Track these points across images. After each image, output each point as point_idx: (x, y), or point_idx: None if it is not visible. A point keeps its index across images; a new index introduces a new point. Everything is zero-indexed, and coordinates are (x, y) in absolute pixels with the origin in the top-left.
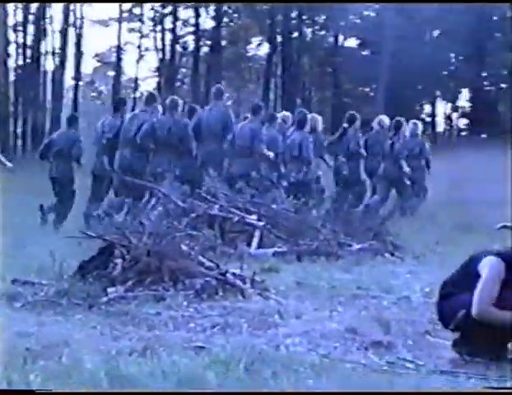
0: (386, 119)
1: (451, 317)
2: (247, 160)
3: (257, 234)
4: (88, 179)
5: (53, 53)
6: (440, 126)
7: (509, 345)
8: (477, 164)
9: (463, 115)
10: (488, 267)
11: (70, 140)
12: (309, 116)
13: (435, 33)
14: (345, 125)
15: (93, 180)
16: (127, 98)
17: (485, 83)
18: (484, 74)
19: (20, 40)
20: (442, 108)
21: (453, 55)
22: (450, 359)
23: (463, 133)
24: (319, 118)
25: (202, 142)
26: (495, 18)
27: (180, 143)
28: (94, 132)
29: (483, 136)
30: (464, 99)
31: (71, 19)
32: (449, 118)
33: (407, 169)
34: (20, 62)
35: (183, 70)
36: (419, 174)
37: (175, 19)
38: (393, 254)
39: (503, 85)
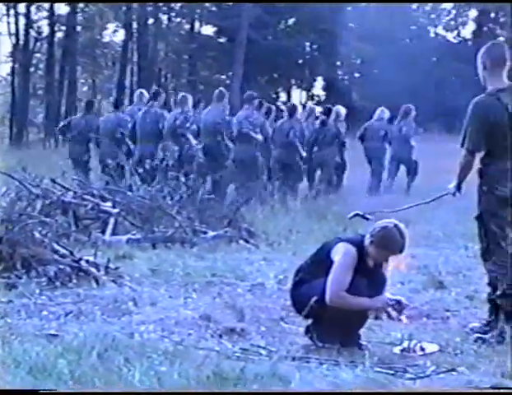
0: (342, 109)
1: (304, 303)
2: (246, 147)
3: (111, 221)
4: None
5: None
6: None
7: (360, 331)
8: None
9: (318, 103)
10: (340, 253)
11: (88, 124)
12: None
13: (290, 21)
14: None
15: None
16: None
17: (339, 72)
18: (338, 63)
19: None
20: (297, 96)
21: (308, 44)
22: (303, 345)
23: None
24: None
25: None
26: (348, 8)
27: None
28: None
29: None
30: (319, 87)
31: None
32: (304, 106)
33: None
34: None
35: (38, 55)
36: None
37: (29, 3)
38: (247, 241)
39: (356, 75)
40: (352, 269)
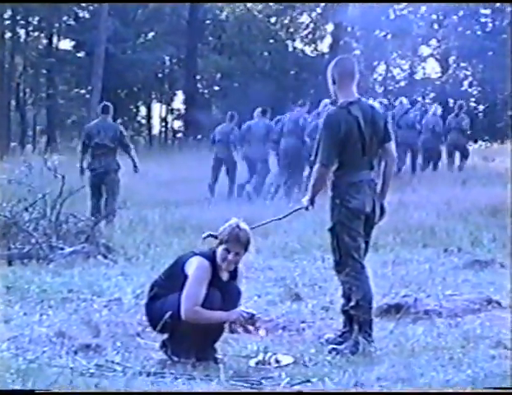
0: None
1: (159, 318)
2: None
3: None
4: None
5: None
6: (156, 128)
7: (215, 344)
8: (190, 164)
9: (179, 117)
10: (194, 267)
11: (228, 131)
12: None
13: (150, 35)
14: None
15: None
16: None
17: (199, 86)
18: (198, 77)
19: None
20: (158, 110)
21: (167, 58)
22: (158, 360)
23: (179, 135)
24: None
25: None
26: (207, 22)
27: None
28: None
29: (199, 137)
30: (179, 101)
31: None
32: (164, 120)
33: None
34: None
35: None
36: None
37: None
38: (105, 256)
39: (216, 88)
40: (206, 283)
